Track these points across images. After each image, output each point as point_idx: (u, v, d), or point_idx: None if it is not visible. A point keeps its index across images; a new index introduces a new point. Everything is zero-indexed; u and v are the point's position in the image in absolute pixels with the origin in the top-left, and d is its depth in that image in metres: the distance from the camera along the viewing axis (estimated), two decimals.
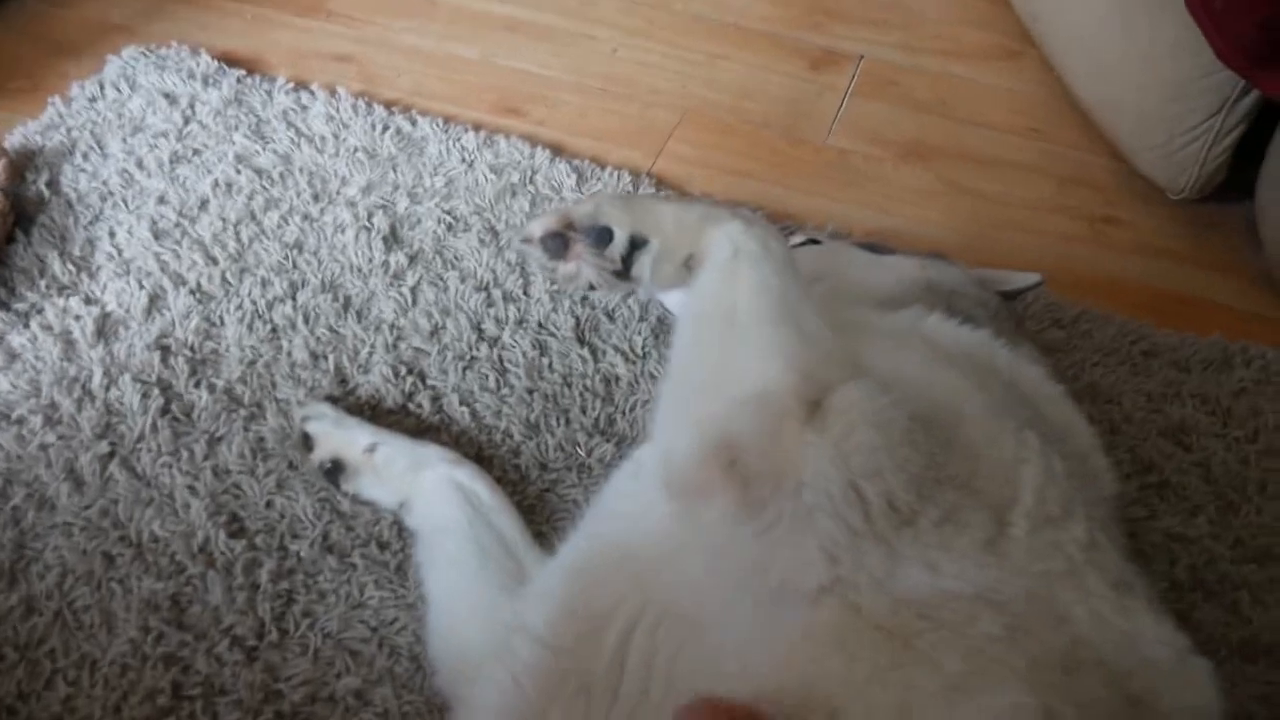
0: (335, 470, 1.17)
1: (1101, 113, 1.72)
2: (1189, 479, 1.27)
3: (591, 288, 0.94)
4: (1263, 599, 1.17)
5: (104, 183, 1.55)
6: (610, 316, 1.37)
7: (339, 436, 1.18)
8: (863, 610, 0.73)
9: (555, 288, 1.38)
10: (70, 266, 1.41)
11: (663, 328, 1.35)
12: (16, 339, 1.32)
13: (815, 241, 1.36)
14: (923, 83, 1.87)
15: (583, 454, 1.23)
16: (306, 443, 1.19)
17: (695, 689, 0.74)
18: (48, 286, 1.39)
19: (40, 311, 1.35)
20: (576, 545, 0.92)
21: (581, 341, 1.34)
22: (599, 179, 1.57)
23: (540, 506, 1.18)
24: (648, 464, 0.95)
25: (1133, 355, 1.41)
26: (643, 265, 0.92)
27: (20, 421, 1.23)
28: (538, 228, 0.93)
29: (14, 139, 1.63)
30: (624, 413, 1.27)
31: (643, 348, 1.33)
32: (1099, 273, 1.56)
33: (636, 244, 0.91)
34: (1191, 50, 1.48)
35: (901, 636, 0.71)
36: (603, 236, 0.91)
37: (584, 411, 1.27)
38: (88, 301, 1.37)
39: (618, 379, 1.30)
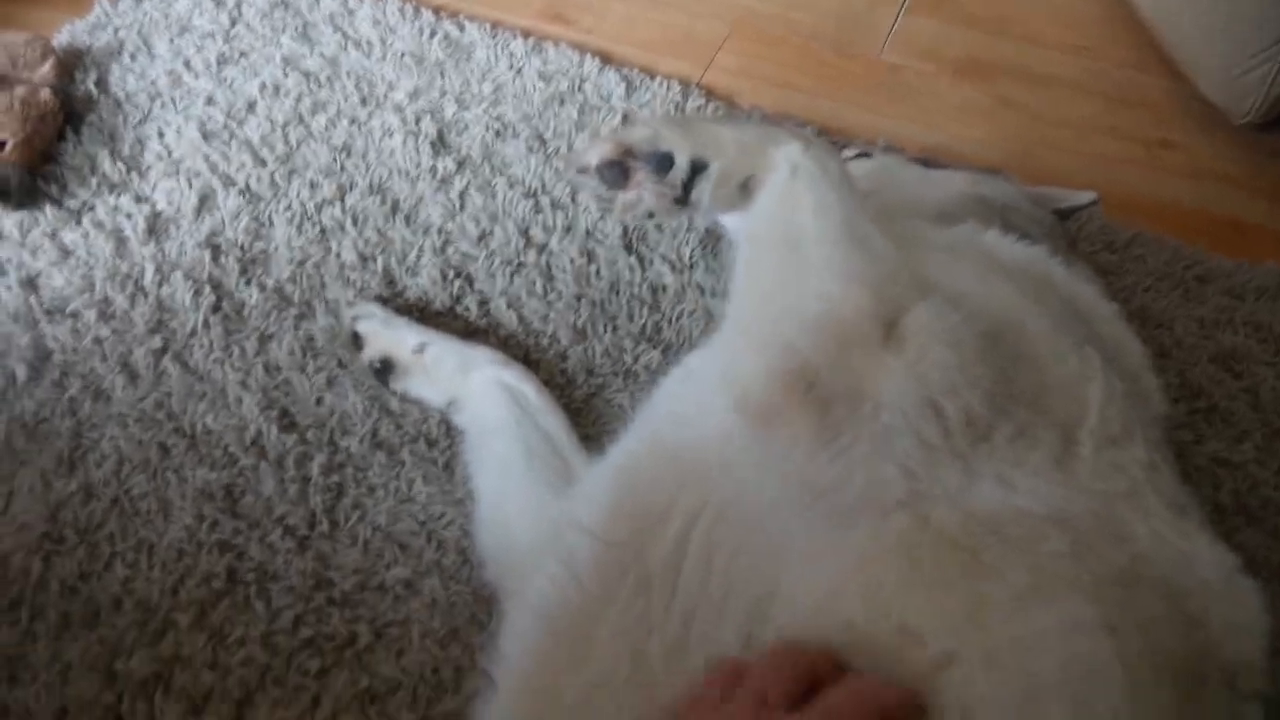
0: (385, 369, 1.18)
1: (1165, 31, 1.67)
2: (1237, 405, 1.26)
3: (650, 215, 0.93)
4: None
5: (152, 83, 1.55)
6: (658, 226, 1.36)
7: (388, 336, 1.19)
8: (932, 522, 0.73)
9: (611, 216, 1.36)
10: (120, 165, 1.42)
11: (711, 239, 1.34)
12: (69, 235, 1.33)
13: (866, 155, 1.34)
14: None
15: (629, 360, 1.23)
16: (356, 342, 1.21)
17: (755, 589, 0.75)
18: (99, 185, 1.40)
19: (92, 209, 1.36)
20: (627, 446, 0.93)
21: (629, 250, 1.33)
22: (649, 89, 1.55)
23: (586, 411, 1.19)
24: (699, 371, 0.96)
25: (1186, 280, 1.39)
26: (702, 190, 0.90)
27: (75, 315, 1.25)
28: (594, 156, 0.91)
29: (61, 38, 1.63)
30: (670, 321, 1.27)
31: (690, 257, 1.33)
32: (1152, 196, 1.53)
33: (697, 168, 0.90)
34: None
35: (969, 549, 0.72)
36: (663, 163, 0.89)
37: (630, 319, 1.27)
38: (138, 200, 1.38)
39: (665, 288, 1.30)
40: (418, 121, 1.48)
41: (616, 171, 0.91)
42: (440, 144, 1.45)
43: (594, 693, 0.77)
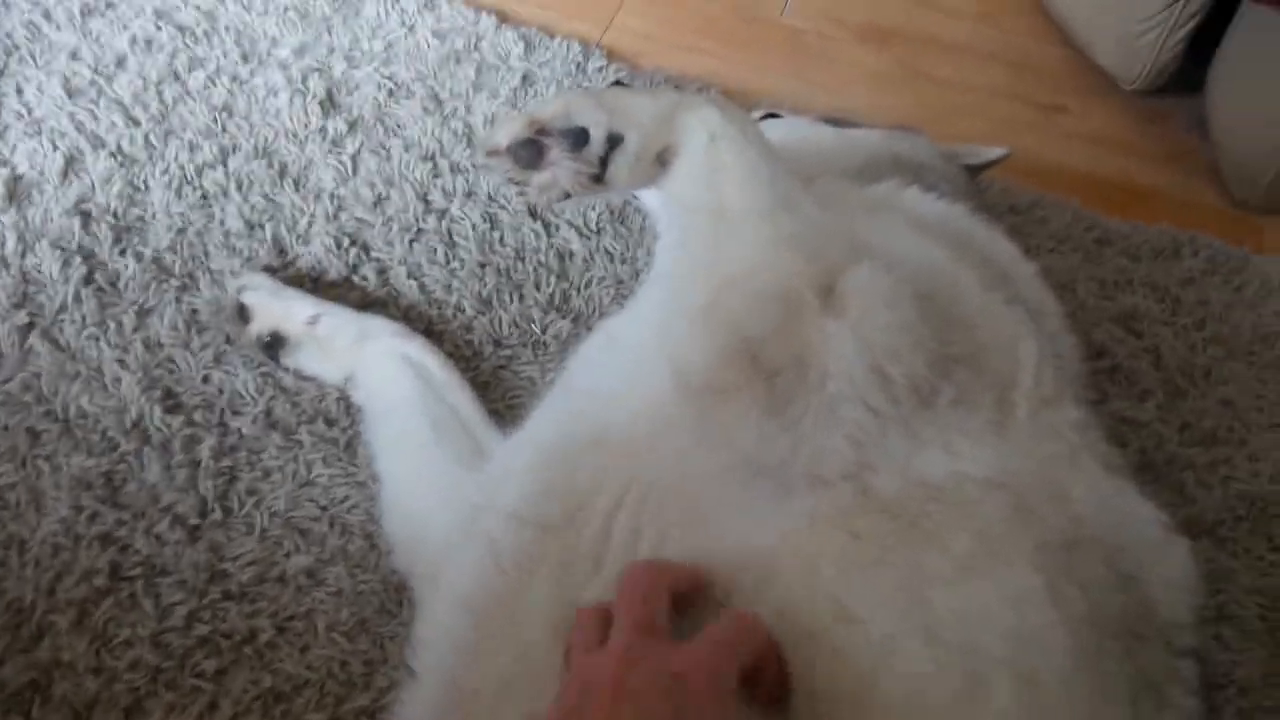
0: (275, 344, 1.11)
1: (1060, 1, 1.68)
2: (1140, 364, 1.28)
3: (566, 196, 0.87)
4: (1206, 480, 1.19)
5: (8, 35, 1.42)
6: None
7: (278, 308, 1.11)
8: (871, 492, 0.71)
9: (526, 200, 1.26)
10: None
11: (617, 204, 1.30)
12: None
13: (775, 116, 1.31)
14: None
15: (537, 330, 1.18)
16: (243, 314, 1.12)
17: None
18: None
19: None
20: (546, 421, 0.88)
21: (534, 215, 1.28)
22: (548, 49, 1.49)
23: (495, 384, 1.14)
24: (621, 341, 0.91)
25: (1085, 243, 1.41)
26: (620, 165, 0.85)
27: None
28: (503, 136, 0.85)
29: None
30: (579, 289, 1.22)
31: (597, 224, 1.28)
32: (1050, 161, 1.55)
33: (613, 142, 0.84)
34: None
35: (908, 517, 0.70)
36: (579, 138, 0.84)
37: (538, 287, 1.22)
38: None
39: (572, 254, 1.25)
40: (304, 80, 1.39)
41: (530, 150, 0.85)
42: (330, 104, 1.37)
43: (517, 677, 0.73)
